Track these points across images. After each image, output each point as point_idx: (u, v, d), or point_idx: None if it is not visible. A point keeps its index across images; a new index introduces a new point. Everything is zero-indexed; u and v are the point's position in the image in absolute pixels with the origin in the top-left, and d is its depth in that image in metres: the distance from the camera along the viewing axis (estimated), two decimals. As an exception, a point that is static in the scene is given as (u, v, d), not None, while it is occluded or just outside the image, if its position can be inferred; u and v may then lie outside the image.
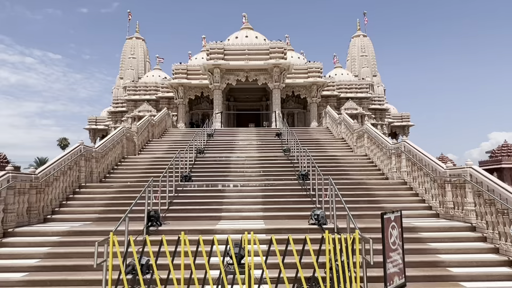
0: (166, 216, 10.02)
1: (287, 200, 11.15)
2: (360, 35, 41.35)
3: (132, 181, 13.05)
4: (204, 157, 15.84)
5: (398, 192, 11.72)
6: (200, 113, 35.54)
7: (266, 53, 29.01)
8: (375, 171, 14.44)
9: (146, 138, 19.71)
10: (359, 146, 17.33)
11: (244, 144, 18.84)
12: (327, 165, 14.48)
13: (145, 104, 34.02)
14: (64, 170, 11.28)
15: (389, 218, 6.23)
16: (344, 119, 20.19)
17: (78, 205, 10.95)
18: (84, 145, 12.55)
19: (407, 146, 12.25)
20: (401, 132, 44.10)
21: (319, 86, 31.72)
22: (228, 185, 12.13)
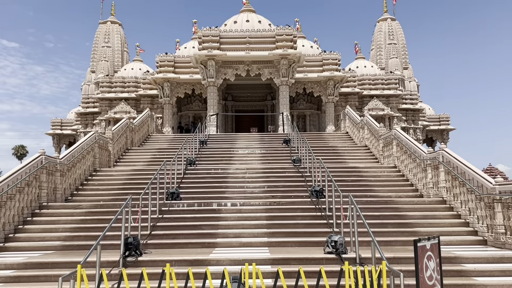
0: (147, 243, 10.00)
1: (297, 222, 11.12)
2: (388, 18, 41.59)
3: (106, 200, 13.06)
4: (195, 169, 15.88)
5: (435, 213, 11.67)
6: (191, 115, 35.73)
7: (271, 41, 29.18)
8: (406, 186, 14.40)
9: (123, 146, 19.79)
10: (387, 156, 17.31)
11: (244, 153, 18.88)
12: (347, 179, 14.48)
13: (123, 104, 34.21)
14: (21, 187, 11.31)
15: (424, 246, 6.18)
16: (367, 122, 20.22)
17: (37, 230, 10.95)
18: (46, 156, 12.60)
19: (446, 155, 12.22)
20: (438, 137, 44.15)
21: (337, 81, 31.82)
22: (224, 204, 12.13)
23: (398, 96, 35.81)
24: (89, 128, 36.75)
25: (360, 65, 38.22)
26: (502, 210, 9.67)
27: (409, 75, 39.97)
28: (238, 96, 36.04)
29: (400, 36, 41.20)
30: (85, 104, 37.98)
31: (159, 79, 31.98)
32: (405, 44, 41.16)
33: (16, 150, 67.24)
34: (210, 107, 28.91)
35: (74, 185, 14.32)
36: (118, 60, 40.36)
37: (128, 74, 37.53)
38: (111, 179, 15.30)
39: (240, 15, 34.46)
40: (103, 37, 40.41)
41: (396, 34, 41.02)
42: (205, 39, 29.08)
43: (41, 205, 12.23)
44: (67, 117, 45.49)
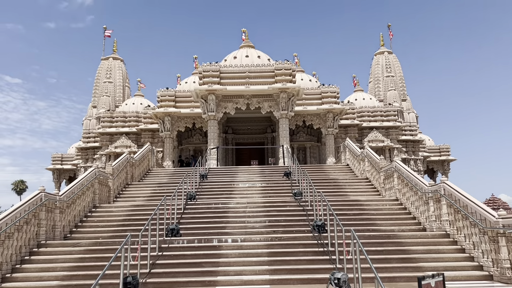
0: (147, 282, 9.83)
1: (299, 259, 10.96)
2: (385, 52, 42.33)
3: (105, 237, 12.92)
4: (196, 204, 15.78)
5: (439, 247, 11.50)
6: (192, 149, 35.83)
7: (270, 75, 29.60)
8: (408, 220, 14.26)
9: (123, 181, 19.74)
10: (388, 188, 17.23)
11: (245, 186, 18.80)
12: (349, 213, 14.36)
13: (123, 138, 34.36)
14: (20, 225, 11.21)
15: (428, 284, 6.07)
16: (367, 155, 20.23)
17: (35, 270, 10.78)
18: (46, 193, 12.55)
19: (448, 188, 12.16)
20: (439, 168, 44.08)
21: (336, 114, 32.07)
22: (225, 240, 12.00)
23: (397, 128, 35.99)
24: (89, 162, 36.75)
25: (358, 97, 38.61)
26: (506, 244, 9.54)
27: (407, 106, 40.31)
28: (239, 129, 36.25)
29: (397, 68, 41.82)
30: (86, 139, 38.14)
31: (160, 113, 32.25)
32: (402, 76, 41.72)
33: (15, 185, 67.03)
34: (210, 140, 29.01)
35: (73, 222, 14.18)
36: (120, 95, 40.82)
37: (129, 108, 37.88)
38: (111, 216, 15.17)
39: (239, 50, 35.11)
40: (105, 72, 41.02)
41: (394, 66, 41.65)
42: (206, 74, 29.50)
43: (39, 243, 12.08)
44: (67, 152, 45.59)
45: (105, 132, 35.73)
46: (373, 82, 42.02)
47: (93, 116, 39.15)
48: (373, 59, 42.85)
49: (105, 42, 42.94)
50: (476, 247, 10.78)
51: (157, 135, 34.67)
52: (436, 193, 12.79)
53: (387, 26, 43.69)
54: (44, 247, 12.00)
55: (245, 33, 36.54)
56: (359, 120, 35.64)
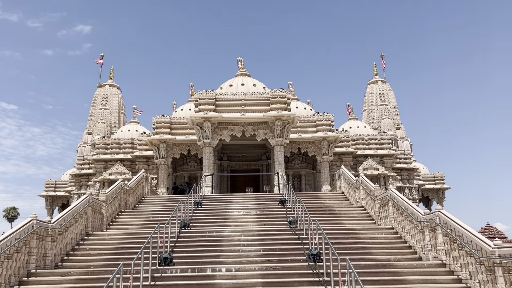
0: (138, 312, 9.58)
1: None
2: (378, 81, 42.97)
3: (97, 266, 12.66)
4: (190, 232, 15.59)
5: (435, 277, 11.37)
6: (186, 175, 35.69)
7: (266, 103, 29.85)
8: (404, 249, 14.12)
9: (117, 209, 19.53)
10: (383, 217, 17.15)
11: (240, 214, 18.64)
12: (344, 241, 14.23)
13: (118, 165, 34.22)
14: (10, 254, 10.99)
15: (426, 316, 5.95)
16: (362, 183, 20.21)
17: (25, 299, 10.50)
18: (38, 220, 12.36)
19: (443, 217, 12.12)
20: (434, 196, 44.07)
21: (331, 141, 32.21)
22: (219, 270, 11.80)
23: (392, 156, 36.13)
24: (83, 189, 36.43)
25: (353, 125, 38.90)
26: (503, 274, 9.44)
27: (401, 135, 40.61)
28: (234, 156, 36.25)
29: (391, 97, 42.36)
30: (80, 166, 37.92)
31: (155, 140, 32.24)
32: (396, 105, 42.21)
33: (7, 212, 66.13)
34: (205, 167, 28.92)
35: (65, 250, 13.93)
36: (115, 121, 40.89)
37: (124, 135, 37.87)
38: (103, 244, 14.92)
39: (235, 78, 35.51)
40: (101, 99, 41.21)
41: (387, 95, 42.20)
42: (202, 102, 29.71)
43: (29, 272, 11.81)
44: (61, 178, 45.24)
45: (99, 158, 35.58)
46: (367, 111, 42.45)
47: (88, 143, 39.05)
48: (367, 88, 43.44)
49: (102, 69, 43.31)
50: (472, 277, 10.66)
51: (152, 162, 34.55)
52: (432, 221, 12.74)
53: (381, 55, 44.52)
54: (34, 276, 11.74)
55: (241, 61, 37.07)
56: (353, 148, 35.79)
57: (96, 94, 41.96)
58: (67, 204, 39.82)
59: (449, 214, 12.05)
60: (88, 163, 37.53)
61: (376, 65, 44.09)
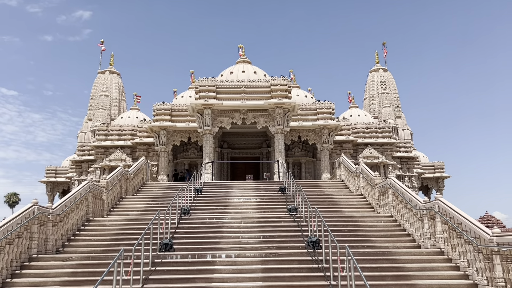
0: (139, 297, 9.69)
1: (293, 275, 10.88)
2: (380, 69, 42.77)
3: (98, 251, 12.76)
4: (190, 218, 15.67)
5: (433, 265, 11.46)
6: (187, 163, 35.75)
7: (266, 91, 29.77)
8: (403, 236, 14.22)
9: (117, 195, 19.61)
10: (383, 205, 17.22)
11: (240, 201, 18.72)
12: (343, 229, 14.32)
13: (118, 152, 34.25)
14: (11, 239, 11.06)
15: (423, 302, 6.02)
16: (362, 171, 20.25)
17: (26, 284, 10.61)
18: (39, 206, 12.42)
19: (442, 205, 12.17)
20: (434, 185, 44.19)
21: (331, 130, 32.19)
22: (219, 256, 11.89)
23: (392, 144, 36.13)
24: (83, 176, 36.54)
25: (353, 113, 38.83)
26: (501, 262, 9.52)
27: (402, 123, 40.57)
28: (234, 143, 36.26)
29: (392, 85, 42.20)
30: (80, 152, 37.97)
31: (156, 127, 32.22)
32: (397, 94, 42.09)
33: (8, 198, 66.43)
34: (205, 154, 28.96)
35: (66, 236, 14.02)
36: (115, 108, 40.83)
37: (124, 122, 37.85)
38: (104, 229, 15.02)
39: (236, 66, 35.34)
40: (101, 86, 41.08)
41: (388, 84, 42.04)
42: (202, 89, 29.62)
43: (31, 257, 11.92)
44: (62, 165, 45.35)
45: (100, 145, 35.60)
46: (368, 99, 42.34)
47: (89, 129, 39.06)
48: (368, 76, 43.27)
49: (102, 55, 43.14)
50: (470, 265, 10.74)
51: (152, 149, 34.58)
52: (431, 210, 12.79)
53: (382, 43, 44.25)
54: (35, 261, 11.84)
55: (242, 48, 36.85)
56: (354, 136, 35.78)
57: (96, 80, 41.83)
58: (68, 190, 39.98)
59: (448, 203, 12.09)
60: (88, 149, 37.58)
61: (377, 53, 43.88)
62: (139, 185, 23.10)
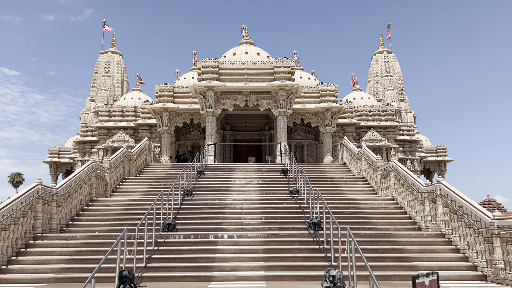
0: (143, 276, 9.85)
1: (295, 255, 11.00)
2: (384, 51, 42.38)
3: (102, 231, 12.92)
4: (192, 199, 15.79)
5: (434, 247, 11.57)
6: (189, 144, 35.82)
7: (269, 72, 29.61)
8: (404, 219, 14.32)
9: (121, 176, 19.73)
10: (384, 188, 17.29)
11: (242, 183, 18.83)
12: (345, 211, 14.41)
13: (121, 133, 34.33)
14: (16, 217, 11.20)
15: (422, 283, 6.11)
16: (364, 154, 20.28)
17: (31, 262, 10.78)
18: (43, 185, 12.54)
19: (444, 189, 12.21)
20: (436, 168, 44.21)
21: (334, 112, 32.11)
22: (221, 236, 12.02)
23: (395, 128, 36.07)
24: (86, 156, 36.70)
25: (357, 96, 38.66)
26: (501, 245, 9.60)
27: (405, 106, 40.39)
28: (236, 126, 36.26)
29: (396, 68, 41.88)
30: (83, 133, 38.07)
31: (158, 109, 32.21)
32: (401, 76, 41.79)
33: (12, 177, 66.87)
34: (208, 136, 29.01)
35: (70, 215, 14.19)
36: (118, 89, 40.75)
37: (127, 103, 37.81)
38: (108, 210, 15.17)
39: (239, 47, 35.08)
40: (103, 67, 40.92)
41: (393, 66, 41.71)
42: (205, 70, 29.48)
43: (35, 235, 12.08)
44: (65, 145, 45.51)
45: (102, 126, 35.67)
46: (372, 82, 42.07)
47: (91, 110, 39.08)
48: (372, 59, 42.91)
49: (104, 36, 42.87)
50: (470, 247, 10.84)
51: (155, 130, 34.62)
52: (432, 193, 12.85)
53: (387, 25, 43.76)
54: (40, 239, 12.01)
55: (245, 29, 36.53)
56: (357, 119, 35.69)
57: (98, 61, 41.64)
58: (71, 171, 40.23)
59: (450, 186, 12.14)
60: (91, 130, 37.67)
61: (382, 35, 43.41)
62: (142, 166, 23.21)
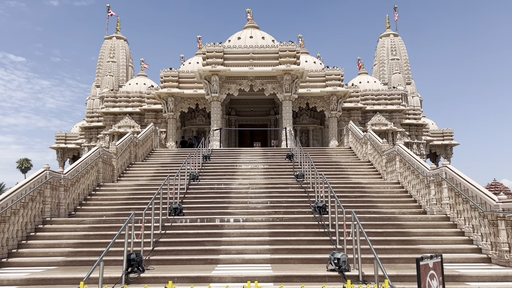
0: (150, 259, 9.99)
1: (300, 239, 11.09)
2: (390, 34, 41.90)
3: (109, 215, 13.08)
4: (198, 184, 15.91)
5: (438, 230, 11.62)
6: (195, 130, 35.90)
7: (275, 57, 29.43)
8: (409, 202, 14.36)
9: (127, 161, 19.87)
10: (390, 172, 17.29)
11: (247, 168, 18.91)
12: (350, 195, 14.46)
13: (127, 118, 34.44)
14: (25, 202, 11.36)
15: (426, 265, 6.15)
16: (370, 138, 20.24)
17: (41, 245, 10.97)
18: (51, 171, 12.67)
19: (449, 172, 12.21)
20: (442, 152, 44.08)
21: (340, 96, 31.96)
22: (227, 220, 12.13)
23: (401, 111, 35.87)
24: (93, 142, 36.93)
25: (363, 80, 38.40)
26: (506, 227, 9.63)
27: (412, 90, 40.09)
28: (242, 110, 36.23)
29: (403, 51, 41.45)
30: (89, 118, 38.23)
31: (164, 94, 32.21)
32: (408, 60, 41.39)
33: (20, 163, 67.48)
34: (213, 121, 29.03)
35: (77, 200, 14.36)
36: (123, 75, 40.73)
37: (132, 88, 37.84)
38: (115, 194, 15.34)
39: (244, 31, 34.81)
40: (108, 52, 40.84)
41: (399, 49, 41.27)
42: (209, 55, 29.36)
43: (44, 220, 12.26)
44: (71, 131, 45.77)
45: (108, 112, 35.78)
46: (378, 65, 41.71)
47: (97, 96, 39.16)
48: (379, 42, 42.47)
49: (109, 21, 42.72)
50: (475, 230, 10.88)
51: (160, 115, 34.70)
52: (438, 176, 12.85)
53: (394, 8, 43.16)
54: (49, 224, 12.19)
55: (250, 13, 36.17)
56: (363, 103, 35.52)
57: (103, 46, 41.55)
58: (78, 156, 40.52)
59: (455, 169, 12.12)
60: (97, 116, 37.81)
61: (388, 18, 42.85)
62: (148, 151, 23.34)
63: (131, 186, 16.12)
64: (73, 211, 13.80)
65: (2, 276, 8.76)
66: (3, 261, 10.11)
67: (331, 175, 17.18)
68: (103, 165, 16.75)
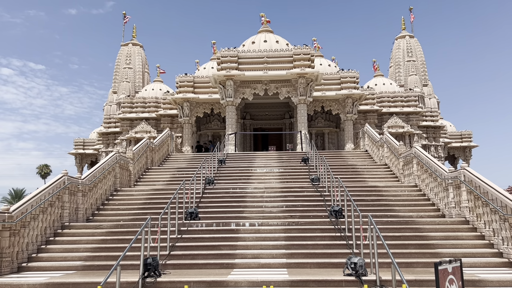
0: (166, 263, 10.05)
1: (316, 243, 11.02)
2: (406, 36, 41.49)
3: (126, 220, 13.21)
4: (214, 188, 15.96)
5: (458, 234, 11.41)
6: (210, 134, 36.07)
7: (289, 60, 29.41)
8: (427, 206, 14.15)
9: (143, 166, 20.06)
10: (407, 175, 17.08)
11: (263, 172, 18.89)
12: (367, 199, 14.33)
13: (143, 124, 34.80)
14: (44, 207, 11.55)
15: (445, 269, 6.06)
16: (386, 140, 20.03)
17: (60, 250, 11.13)
18: (69, 176, 12.86)
19: (468, 175, 11.99)
20: (461, 154, 43.36)
21: (355, 99, 31.74)
22: (243, 224, 12.12)
23: (418, 113, 35.43)
24: (110, 147, 37.39)
25: (378, 82, 38.07)
26: (527, 231, 9.40)
27: (429, 92, 39.57)
28: (256, 114, 36.27)
29: (419, 53, 40.98)
30: (107, 124, 38.73)
31: (179, 99, 32.46)
32: (424, 61, 40.89)
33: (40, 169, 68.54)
34: (228, 126, 29.12)
35: (95, 205, 14.54)
36: (139, 80, 41.20)
37: (148, 94, 38.24)
38: (131, 199, 15.48)
39: (258, 35, 34.88)
40: (124, 58, 41.38)
41: (415, 51, 40.83)
42: (224, 60, 29.49)
43: (63, 225, 12.44)
44: (89, 137, 46.43)
45: (125, 117, 36.21)
46: (394, 67, 41.32)
47: (114, 102, 39.68)
48: (394, 43, 42.07)
49: (125, 28, 43.23)
50: (496, 234, 10.65)
51: (176, 120, 34.98)
52: (456, 179, 12.64)
53: (409, 9, 42.74)
54: (67, 228, 12.37)
55: (264, 17, 36.24)
56: (378, 105, 35.20)
57: (119, 53, 42.12)
58: (96, 162, 41.07)
59: (474, 172, 11.91)
60: (114, 121, 38.28)
61: (404, 19, 42.44)
62: (164, 156, 23.53)
63: (148, 190, 16.25)
64: (91, 216, 13.97)
65: (22, 281, 8.91)
66: (23, 266, 10.29)
67: (347, 179, 17.06)
68: (120, 170, 16.94)
